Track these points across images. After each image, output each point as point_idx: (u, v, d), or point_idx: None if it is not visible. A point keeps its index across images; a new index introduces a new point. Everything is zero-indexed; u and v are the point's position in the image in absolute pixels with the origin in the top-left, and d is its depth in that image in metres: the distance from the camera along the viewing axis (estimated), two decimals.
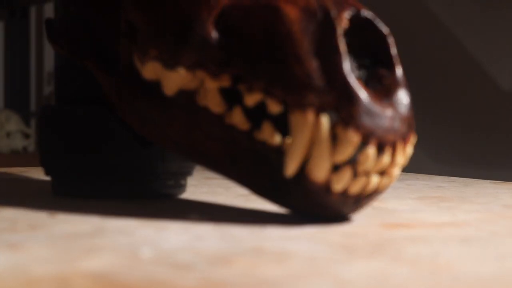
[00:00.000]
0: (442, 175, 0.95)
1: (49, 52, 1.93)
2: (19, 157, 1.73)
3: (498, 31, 1.49)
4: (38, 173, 0.74)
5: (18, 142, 1.80)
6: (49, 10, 1.94)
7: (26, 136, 1.82)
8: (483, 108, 1.48)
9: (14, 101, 1.98)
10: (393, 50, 0.48)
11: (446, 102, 1.54)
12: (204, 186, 0.67)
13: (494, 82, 1.46)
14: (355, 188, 0.45)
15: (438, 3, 1.52)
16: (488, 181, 0.79)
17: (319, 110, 0.45)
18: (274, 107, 0.46)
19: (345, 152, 0.44)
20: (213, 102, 0.48)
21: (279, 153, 0.46)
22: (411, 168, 0.64)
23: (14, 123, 1.81)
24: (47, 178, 0.62)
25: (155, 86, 0.50)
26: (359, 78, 0.47)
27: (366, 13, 0.47)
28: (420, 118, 1.52)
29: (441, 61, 1.55)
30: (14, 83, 1.99)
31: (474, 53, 1.50)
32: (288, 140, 0.46)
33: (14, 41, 1.98)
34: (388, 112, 0.45)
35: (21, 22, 1.97)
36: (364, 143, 0.44)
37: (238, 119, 0.47)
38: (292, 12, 0.46)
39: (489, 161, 1.44)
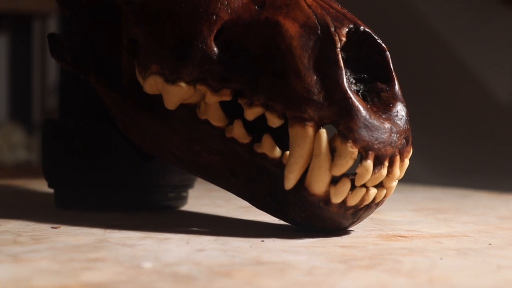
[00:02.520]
0: (439, 185, 0.95)
1: (52, 65, 1.94)
2: (22, 169, 1.74)
3: (494, 44, 1.50)
4: (41, 185, 0.75)
5: (21, 154, 1.81)
6: (52, 24, 1.96)
7: (29, 148, 1.83)
8: (480, 119, 1.49)
9: (17, 112, 1.99)
10: (391, 65, 0.48)
11: (443, 114, 1.55)
12: (205, 198, 0.68)
13: (491, 94, 1.47)
14: (354, 200, 0.46)
15: (436, 17, 1.53)
16: (485, 192, 0.80)
17: (318, 124, 0.45)
18: (274, 121, 0.47)
19: (344, 165, 0.45)
20: (213, 116, 0.49)
21: (279, 166, 0.47)
22: (408, 179, 0.65)
23: (17, 135, 1.81)
24: (50, 190, 0.63)
25: (156, 101, 0.50)
26: (357, 92, 0.48)
27: (365, 28, 0.48)
28: (418, 130, 1.52)
29: (439, 74, 1.56)
30: (17, 95, 2.00)
31: (471, 66, 1.50)
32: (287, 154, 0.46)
33: (18, 53, 1.99)
34: (386, 125, 0.46)
35: (24, 35, 1.98)
36: (362, 156, 0.45)
37: (238, 132, 0.48)
38: (292, 28, 0.47)
39: (486, 171, 1.44)
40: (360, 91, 0.48)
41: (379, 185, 0.47)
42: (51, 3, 1.74)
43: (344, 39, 0.46)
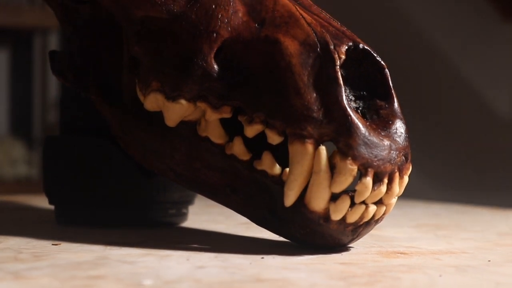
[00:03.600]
0: (439, 200, 0.95)
1: (53, 80, 1.95)
2: (22, 185, 1.74)
3: (495, 60, 1.50)
4: (41, 202, 0.75)
5: (22, 169, 1.81)
6: (53, 39, 1.96)
7: (30, 163, 1.83)
8: (481, 135, 1.49)
9: (17, 127, 1.99)
10: (390, 82, 0.49)
11: (443, 129, 1.55)
12: (205, 214, 0.68)
13: (491, 110, 1.47)
14: (353, 217, 0.46)
15: (437, 33, 1.53)
16: (485, 208, 0.80)
17: (318, 141, 0.46)
18: (274, 138, 0.47)
19: (343, 182, 0.45)
20: (214, 133, 0.49)
21: (279, 183, 0.47)
22: (408, 194, 0.65)
23: (17, 150, 1.81)
24: (51, 206, 0.63)
25: (157, 117, 0.51)
26: (357, 110, 0.48)
27: (364, 46, 0.48)
28: (418, 145, 1.52)
29: (439, 89, 1.56)
30: (17, 110, 2.00)
31: (471, 81, 1.51)
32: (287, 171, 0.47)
33: (18, 68, 1.99)
34: (386, 143, 0.46)
35: (25, 50, 1.98)
36: (362, 173, 0.45)
37: (238, 149, 0.48)
38: (291, 46, 0.47)
39: (486, 187, 1.44)
40: (360, 108, 0.48)
41: (379, 202, 0.47)
42: (52, 18, 1.74)
43: (343, 56, 0.47)
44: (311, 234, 0.47)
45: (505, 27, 1.51)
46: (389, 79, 0.49)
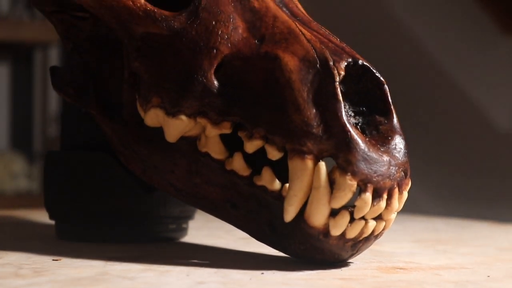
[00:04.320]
0: (439, 214, 0.96)
1: (53, 94, 1.95)
2: (23, 199, 1.74)
3: (494, 73, 1.50)
4: (42, 216, 0.75)
5: (22, 183, 1.81)
6: (53, 54, 1.97)
7: (30, 177, 1.83)
8: (480, 148, 1.49)
9: (18, 141, 1.99)
10: (389, 98, 0.49)
11: (442, 142, 1.55)
12: (205, 229, 0.68)
13: (491, 123, 1.47)
14: (353, 232, 0.46)
15: (435, 46, 1.54)
16: (485, 222, 0.80)
17: (317, 157, 0.46)
18: (274, 154, 0.47)
19: (343, 198, 0.45)
20: (214, 149, 0.49)
21: (279, 198, 0.47)
22: (408, 208, 0.65)
23: (18, 164, 1.82)
24: (51, 222, 0.63)
25: (157, 133, 0.51)
26: (356, 125, 0.48)
27: (363, 62, 0.48)
28: (418, 159, 1.53)
29: (438, 103, 1.56)
30: (18, 124, 2.00)
31: (470, 95, 1.51)
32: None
33: (19, 82, 2.00)
34: (385, 158, 0.46)
35: (26, 64, 1.99)
36: (361, 189, 0.46)
37: (238, 165, 0.49)
38: (291, 62, 0.47)
39: (487, 200, 1.44)
40: (359, 124, 0.48)
41: (378, 218, 0.47)
42: (52, 33, 1.75)
43: (342, 72, 0.47)
44: (310, 249, 0.47)
45: (504, 40, 1.51)
46: (388, 95, 0.49)
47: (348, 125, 0.46)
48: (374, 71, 0.49)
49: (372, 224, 0.47)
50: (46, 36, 1.80)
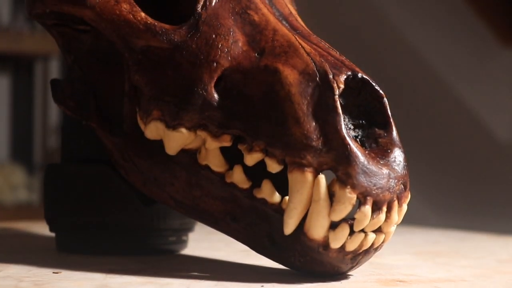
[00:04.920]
0: (439, 226, 0.96)
1: (54, 106, 1.95)
2: (23, 211, 1.74)
3: (494, 84, 1.51)
4: (42, 229, 0.75)
5: (22, 195, 1.81)
6: (54, 65, 1.97)
7: (30, 188, 1.83)
8: (480, 159, 1.49)
9: (18, 153, 1.99)
10: (389, 111, 0.49)
11: (442, 154, 1.55)
12: (205, 241, 0.68)
13: (490, 134, 1.48)
14: (352, 245, 0.46)
15: (435, 57, 1.54)
16: (485, 235, 0.80)
17: (317, 170, 0.46)
18: (274, 167, 0.47)
19: (342, 211, 0.46)
20: (214, 161, 0.49)
21: (278, 211, 0.48)
22: (408, 220, 0.65)
23: (18, 176, 1.82)
24: (52, 234, 0.63)
25: (157, 146, 0.51)
26: (356, 138, 0.48)
27: (363, 75, 0.49)
28: (418, 170, 1.53)
29: (437, 114, 1.56)
30: (18, 135, 2.00)
31: (470, 106, 1.51)
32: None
33: (19, 94, 2.00)
34: (384, 171, 0.46)
35: (26, 76, 1.99)
36: (361, 202, 0.46)
37: (238, 178, 0.49)
38: (291, 75, 0.47)
39: (486, 212, 1.44)
40: (359, 137, 0.48)
41: (378, 230, 0.47)
42: (53, 45, 1.75)
43: (342, 86, 0.47)
44: (310, 262, 0.47)
45: (503, 52, 1.52)
46: (388, 108, 0.49)
47: (347, 138, 0.46)
48: (374, 84, 0.49)
49: (371, 236, 0.47)
50: (47, 48, 1.81)
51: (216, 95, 0.48)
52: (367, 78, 0.49)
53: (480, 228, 0.93)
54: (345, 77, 0.48)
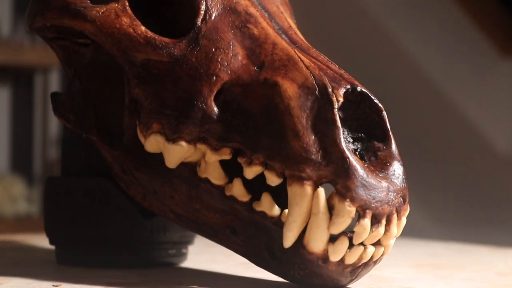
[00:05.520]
0: (439, 238, 0.96)
1: (54, 118, 1.96)
2: (23, 223, 1.74)
3: (494, 96, 1.51)
4: (42, 241, 0.75)
5: (22, 206, 1.81)
6: (54, 77, 1.97)
7: (30, 200, 1.83)
8: (480, 171, 1.49)
9: (18, 164, 2.00)
10: (388, 124, 0.49)
11: (442, 166, 1.55)
12: (205, 254, 0.68)
13: (490, 146, 1.48)
14: (352, 258, 0.47)
15: (435, 69, 1.54)
16: (485, 247, 0.80)
17: (316, 183, 0.46)
18: (273, 180, 0.47)
19: (341, 224, 0.46)
20: (213, 174, 0.49)
21: (278, 224, 0.48)
22: (409, 232, 0.66)
23: (17, 187, 1.82)
24: (52, 246, 0.63)
25: (157, 159, 0.51)
26: (355, 151, 0.48)
27: (362, 88, 0.49)
28: (418, 183, 1.53)
29: (437, 126, 1.57)
30: (18, 147, 2.01)
31: (470, 118, 1.51)
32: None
33: (19, 106, 2.00)
34: (384, 184, 0.47)
35: (26, 88, 1.99)
36: (360, 215, 0.46)
37: (238, 191, 0.49)
38: (290, 88, 0.48)
39: (487, 224, 1.44)
40: (358, 150, 0.49)
41: (377, 243, 0.47)
42: (53, 57, 1.76)
43: (341, 99, 0.47)
44: (310, 275, 0.47)
45: (503, 63, 1.52)
46: (387, 121, 0.49)
47: (346, 152, 0.46)
48: (373, 97, 0.49)
49: (371, 250, 0.47)
50: (47, 60, 1.81)
51: (215, 109, 0.49)
52: (366, 92, 0.49)
53: (480, 241, 0.93)
54: (344, 90, 0.48)
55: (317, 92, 0.47)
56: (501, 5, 1.55)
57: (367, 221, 0.46)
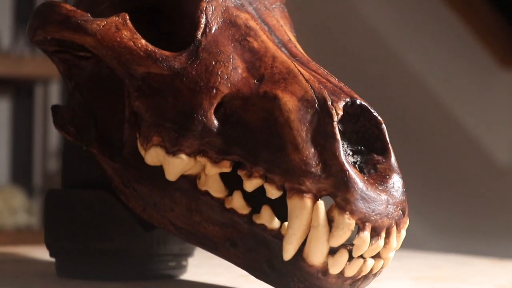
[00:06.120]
0: (439, 250, 0.96)
1: (54, 129, 1.96)
2: (23, 235, 1.74)
3: (494, 107, 1.51)
4: (42, 253, 0.75)
5: (22, 218, 1.81)
6: (54, 89, 1.98)
7: (30, 212, 1.83)
8: (480, 183, 1.49)
9: (18, 176, 2.00)
10: (387, 137, 0.49)
11: (443, 178, 1.55)
12: (205, 266, 0.68)
13: (491, 158, 1.48)
14: (351, 271, 0.47)
15: (435, 81, 1.55)
16: (485, 259, 0.80)
17: (316, 196, 0.46)
18: (273, 192, 0.48)
19: (341, 237, 0.46)
20: (213, 187, 0.50)
21: (278, 237, 0.48)
22: (409, 243, 0.66)
23: (17, 199, 1.82)
24: (52, 259, 0.63)
25: (157, 172, 0.51)
26: (354, 164, 0.48)
27: (361, 101, 0.49)
28: (418, 194, 1.53)
29: (438, 138, 1.57)
30: (18, 158, 2.01)
31: (469, 130, 1.52)
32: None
33: (20, 117, 2.01)
34: (383, 197, 0.47)
35: (26, 99, 2.00)
36: (359, 228, 0.46)
37: (238, 204, 0.49)
38: (290, 101, 0.48)
39: (485, 237, 1.44)
40: (357, 163, 0.49)
41: (376, 256, 0.47)
42: (53, 69, 1.76)
43: (341, 112, 0.48)
44: (309, 287, 0.47)
45: (502, 75, 1.52)
46: (386, 134, 0.49)
47: (346, 164, 0.46)
48: (372, 110, 0.49)
49: (370, 262, 0.47)
50: (47, 71, 1.81)
51: (215, 122, 0.49)
52: (366, 105, 0.49)
53: (480, 252, 0.93)
54: (344, 103, 0.48)
55: (316, 105, 0.47)
56: (501, 17, 1.55)
57: (366, 234, 0.46)
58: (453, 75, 1.54)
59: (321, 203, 0.46)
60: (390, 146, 0.49)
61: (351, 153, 0.49)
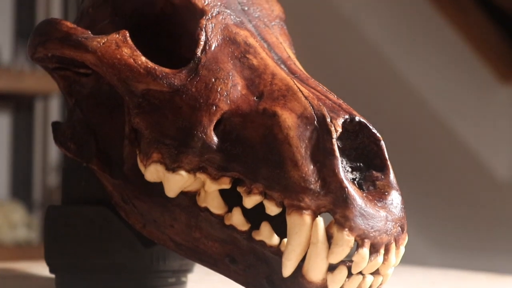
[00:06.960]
0: (438, 265, 0.96)
1: (54, 144, 1.96)
2: (22, 250, 1.74)
3: (493, 121, 1.51)
4: (42, 269, 0.75)
5: (21, 233, 1.81)
6: (54, 104, 1.98)
7: (30, 227, 1.83)
8: (479, 199, 1.49)
9: (17, 191, 2.00)
10: (386, 154, 0.50)
11: (442, 192, 1.55)
12: (204, 282, 0.68)
13: (490, 172, 1.48)
14: (350, 287, 0.47)
15: (434, 95, 1.55)
16: (483, 274, 0.80)
17: (315, 212, 0.46)
18: (273, 209, 0.48)
19: (340, 253, 0.46)
20: (213, 204, 0.50)
21: (277, 253, 0.48)
22: (406, 259, 0.66)
23: (17, 214, 1.82)
24: (52, 275, 0.63)
25: (157, 188, 0.52)
26: (353, 181, 0.49)
27: (360, 118, 0.49)
28: (418, 208, 1.53)
29: (437, 153, 1.57)
30: (18, 173, 2.01)
31: (469, 145, 1.52)
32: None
33: (20, 132, 2.01)
34: (382, 214, 0.47)
35: (26, 114, 2.00)
36: (358, 244, 0.46)
37: (237, 220, 0.49)
38: (289, 118, 0.48)
39: (485, 252, 1.44)
40: (356, 179, 0.49)
41: (375, 273, 0.47)
42: (53, 84, 1.76)
43: (339, 129, 0.48)
44: None
45: (502, 89, 1.53)
46: (385, 150, 0.49)
47: (345, 181, 0.46)
48: (371, 127, 0.49)
49: (369, 279, 0.47)
50: (47, 86, 1.82)
51: (215, 138, 0.49)
52: (364, 121, 0.49)
53: (479, 268, 0.93)
54: (343, 120, 0.48)
55: (315, 122, 0.48)
56: (500, 32, 1.56)
57: (365, 251, 0.46)
58: (453, 90, 1.54)
59: (320, 220, 0.46)
60: (389, 162, 0.49)
61: (350, 169, 0.49)
